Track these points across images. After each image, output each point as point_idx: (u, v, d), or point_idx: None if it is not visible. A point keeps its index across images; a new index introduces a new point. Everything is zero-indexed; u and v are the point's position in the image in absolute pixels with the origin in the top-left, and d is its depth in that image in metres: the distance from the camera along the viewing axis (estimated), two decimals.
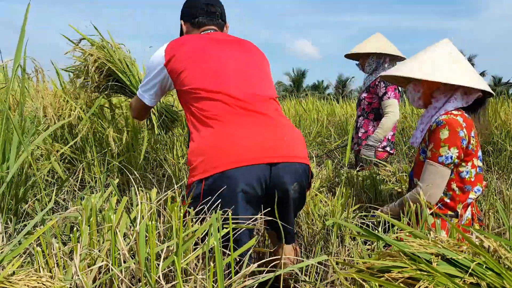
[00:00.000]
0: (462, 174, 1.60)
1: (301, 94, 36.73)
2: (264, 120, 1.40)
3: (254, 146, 1.33)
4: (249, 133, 1.35)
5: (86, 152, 2.43)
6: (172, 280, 1.06)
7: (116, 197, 1.28)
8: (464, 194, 1.60)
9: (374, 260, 0.96)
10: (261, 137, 1.35)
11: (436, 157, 1.57)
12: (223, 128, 1.35)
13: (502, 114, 4.14)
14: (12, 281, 0.88)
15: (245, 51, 1.56)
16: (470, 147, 1.57)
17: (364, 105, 2.96)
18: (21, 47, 1.51)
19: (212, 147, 1.32)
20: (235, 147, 1.31)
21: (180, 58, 1.45)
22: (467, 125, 1.57)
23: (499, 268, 0.85)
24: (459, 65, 1.61)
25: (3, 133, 1.45)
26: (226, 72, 1.44)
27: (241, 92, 1.41)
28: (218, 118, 1.36)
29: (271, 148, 1.35)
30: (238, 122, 1.36)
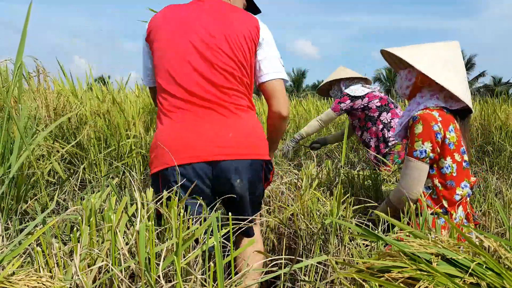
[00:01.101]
0: (443, 169, 1.61)
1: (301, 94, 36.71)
2: (212, 116, 1.36)
3: (197, 143, 1.33)
4: (194, 130, 1.34)
5: (88, 152, 2.43)
6: (172, 280, 1.06)
7: (116, 197, 1.28)
8: (447, 190, 1.61)
9: (374, 260, 0.96)
10: (204, 135, 1.34)
11: (412, 152, 1.60)
12: (172, 125, 1.36)
13: (502, 114, 4.14)
14: (12, 281, 0.88)
15: (222, 29, 1.40)
16: (447, 142, 1.59)
17: (357, 125, 3.15)
18: (23, 46, 1.51)
19: (160, 143, 1.35)
20: (179, 144, 1.33)
21: (156, 34, 1.40)
22: (443, 120, 1.59)
23: (499, 268, 0.85)
24: (458, 75, 1.64)
25: (4, 133, 1.45)
26: (186, 60, 1.37)
27: (196, 85, 1.36)
28: (169, 113, 1.37)
29: (214, 146, 1.34)
30: (186, 118, 1.36)
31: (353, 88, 3.06)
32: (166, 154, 1.33)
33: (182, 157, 1.32)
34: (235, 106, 1.39)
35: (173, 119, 1.36)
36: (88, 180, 2.33)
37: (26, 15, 1.49)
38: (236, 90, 1.40)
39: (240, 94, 1.42)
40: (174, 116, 1.36)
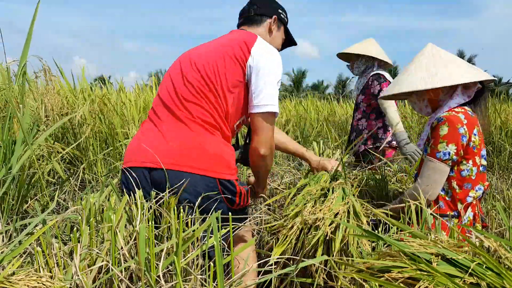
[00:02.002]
0: (463, 172, 1.59)
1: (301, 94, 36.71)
2: (162, 125, 1.39)
3: (138, 149, 1.38)
4: (142, 137, 1.41)
5: (88, 152, 2.43)
6: (172, 280, 1.06)
7: (115, 197, 1.28)
8: (463, 192, 1.60)
9: (374, 260, 0.96)
10: (146, 141, 1.38)
11: (434, 153, 1.57)
12: (137, 132, 1.48)
13: (502, 114, 4.14)
14: (12, 281, 0.88)
15: (211, 46, 1.46)
16: (471, 145, 1.56)
17: (363, 107, 3.03)
18: (28, 47, 1.51)
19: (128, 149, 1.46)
20: (128, 149, 1.43)
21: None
22: (468, 123, 1.56)
23: (499, 268, 0.85)
24: (453, 65, 1.63)
25: (6, 133, 1.45)
26: (169, 75, 1.49)
27: (167, 97, 1.42)
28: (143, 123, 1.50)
29: (151, 153, 1.33)
30: (145, 127, 1.46)
31: (388, 76, 2.93)
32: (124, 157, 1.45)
33: (127, 160, 1.42)
34: (192, 118, 1.36)
35: (141, 126, 1.51)
36: (88, 180, 2.33)
37: (32, 17, 1.50)
38: (200, 106, 1.37)
39: (204, 111, 1.37)
40: (142, 124, 1.52)
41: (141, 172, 1.34)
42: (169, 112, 1.39)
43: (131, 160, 1.39)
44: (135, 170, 1.35)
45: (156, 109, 1.44)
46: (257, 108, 1.38)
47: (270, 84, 1.40)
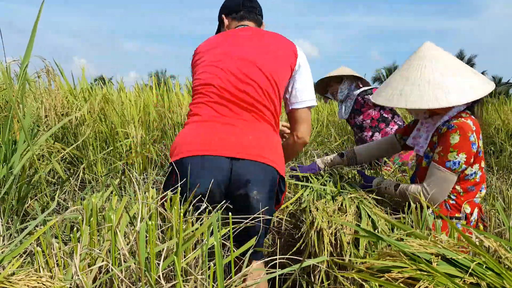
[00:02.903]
0: (467, 176, 1.57)
1: None
2: (234, 122, 1.42)
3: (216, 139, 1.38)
4: (215, 129, 1.41)
5: (88, 152, 2.43)
6: (172, 280, 1.06)
7: (117, 197, 1.28)
8: (468, 195, 1.59)
9: (374, 260, 0.96)
10: (224, 133, 1.39)
11: (444, 162, 1.53)
12: (196, 124, 1.44)
13: (502, 115, 4.14)
14: (12, 281, 0.88)
15: (260, 46, 1.52)
16: (479, 150, 1.55)
17: (368, 125, 3.04)
18: (31, 47, 1.51)
19: (183, 138, 1.42)
20: (198, 138, 1.39)
21: (199, 53, 1.55)
22: (476, 129, 1.53)
23: (499, 268, 0.85)
24: (459, 76, 1.56)
25: (7, 133, 1.45)
26: (226, 64, 1.46)
27: (230, 94, 1.42)
28: (198, 116, 1.45)
29: (233, 143, 1.37)
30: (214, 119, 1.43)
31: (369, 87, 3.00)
32: (185, 146, 1.39)
33: (200, 149, 1.38)
34: (262, 119, 1.46)
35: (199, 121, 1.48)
36: (88, 180, 2.33)
37: (36, 17, 1.49)
38: (266, 106, 1.46)
39: (269, 112, 1.48)
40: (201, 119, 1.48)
41: (221, 161, 1.35)
42: (239, 109, 1.43)
43: (206, 150, 1.36)
44: (214, 159, 1.35)
45: (217, 105, 1.43)
46: (305, 103, 1.55)
47: (311, 82, 1.60)
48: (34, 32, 1.49)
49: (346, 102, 3.08)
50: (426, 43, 1.66)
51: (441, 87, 1.53)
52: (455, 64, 1.60)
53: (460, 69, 1.59)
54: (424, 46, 1.64)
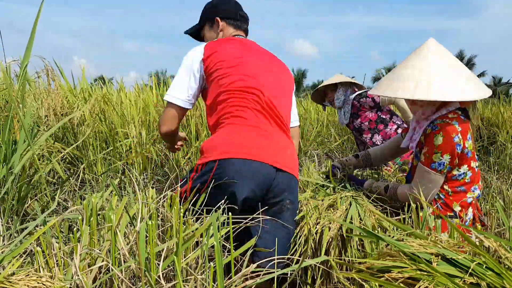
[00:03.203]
0: (454, 176, 1.58)
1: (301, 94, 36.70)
2: (269, 130, 1.50)
3: (265, 147, 1.44)
4: (264, 136, 1.46)
5: (88, 152, 2.43)
6: (172, 280, 1.06)
7: (116, 197, 1.28)
8: (458, 194, 1.59)
9: (374, 260, 0.96)
10: (270, 142, 1.46)
11: (429, 163, 1.54)
12: (243, 127, 1.45)
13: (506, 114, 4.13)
14: (12, 281, 0.88)
15: (275, 66, 1.63)
16: (465, 151, 1.54)
17: (367, 127, 3.07)
18: (31, 46, 1.51)
19: (228, 139, 1.42)
20: (248, 142, 1.42)
21: (220, 56, 1.51)
22: (462, 130, 1.53)
23: (499, 268, 0.85)
24: (468, 77, 1.56)
25: (7, 133, 1.44)
26: (261, 77, 1.53)
27: (262, 103, 1.49)
28: (244, 120, 1.46)
29: (278, 154, 1.45)
30: (260, 126, 1.47)
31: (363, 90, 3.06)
32: (235, 147, 1.41)
33: (251, 153, 1.42)
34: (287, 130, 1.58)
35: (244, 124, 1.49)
36: (88, 180, 2.33)
37: (36, 17, 1.49)
38: (287, 117, 1.61)
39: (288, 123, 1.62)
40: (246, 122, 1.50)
41: (268, 169, 1.41)
42: (274, 122, 1.51)
43: (256, 155, 1.40)
44: (263, 165, 1.41)
45: (260, 114, 1.48)
46: (297, 122, 1.75)
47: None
48: (33, 31, 1.49)
49: (344, 108, 3.13)
50: (431, 40, 1.64)
51: (424, 78, 1.52)
52: (456, 64, 1.60)
53: (458, 67, 1.59)
54: (431, 43, 1.62)
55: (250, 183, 1.37)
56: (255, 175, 1.38)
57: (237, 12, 1.70)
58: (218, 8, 1.69)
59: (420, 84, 1.51)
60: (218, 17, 1.67)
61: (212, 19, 1.69)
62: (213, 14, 1.68)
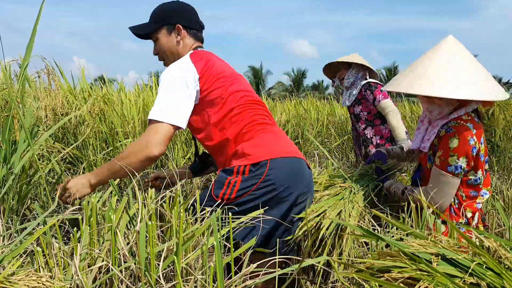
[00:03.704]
0: (470, 181, 1.55)
1: (301, 94, 36.69)
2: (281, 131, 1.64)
3: (294, 146, 1.58)
4: (287, 138, 1.60)
5: (88, 152, 2.43)
6: (172, 280, 1.06)
7: (116, 197, 1.28)
8: (471, 200, 1.56)
9: (374, 260, 0.96)
10: (292, 143, 1.61)
11: (445, 167, 1.50)
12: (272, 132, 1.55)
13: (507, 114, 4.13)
14: (12, 281, 0.88)
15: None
16: (480, 154, 1.51)
17: (364, 117, 3.06)
18: (31, 46, 1.50)
19: (268, 141, 1.49)
20: (286, 143, 1.54)
21: (215, 72, 1.52)
22: (477, 132, 1.49)
23: (499, 268, 0.85)
24: (488, 78, 1.53)
25: (7, 133, 1.44)
26: (251, 90, 1.63)
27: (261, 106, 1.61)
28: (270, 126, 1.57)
29: (301, 153, 1.59)
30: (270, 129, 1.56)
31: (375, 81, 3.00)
32: (283, 147, 1.51)
33: (295, 151, 1.55)
34: None
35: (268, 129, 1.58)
36: None
37: (37, 16, 1.49)
38: None
39: None
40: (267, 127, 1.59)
41: (305, 164, 1.55)
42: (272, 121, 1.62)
43: (296, 152, 1.54)
44: (301, 161, 1.54)
45: (264, 115, 1.58)
46: None
47: None
48: (34, 31, 1.49)
49: (351, 90, 3.09)
50: (450, 37, 1.57)
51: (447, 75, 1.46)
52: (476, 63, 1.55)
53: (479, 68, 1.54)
54: (450, 41, 1.56)
55: (302, 179, 1.49)
56: (302, 170, 1.50)
57: (197, 22, 1.66)
58: (180, 15, 1.61)
59: (443, 82, 1.45)
60: (181, 24, 1.59)
61: (172, 24, 1.59)
62: (175, 20, 1.59)
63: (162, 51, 1.64)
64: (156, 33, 1.62)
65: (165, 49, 1.63)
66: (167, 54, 1.64)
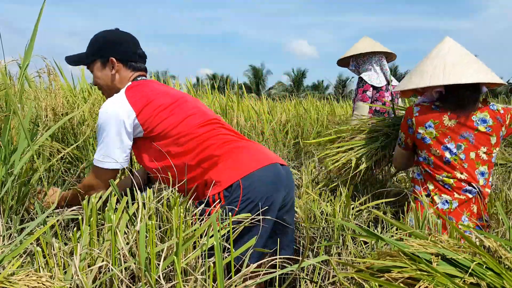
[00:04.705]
0: (420, 158, 1.80)
1: (301, 94, 36.69)
2: (249, 141, 1.57)
3: (260, 151, 1.50)
4: (251, 146, 1.51)
5: (88, 152, 2.43)
6: (172, 280, 1.06)
7: (116, 197, 1.28)
8: (427, 175, 1.77)
9: (374, 260, 0.96)
10: (258, 147, 1.53)
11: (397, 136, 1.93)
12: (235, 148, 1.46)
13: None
14: (12, 281, 0.88)
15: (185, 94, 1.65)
16: (420, 136, 1.74)
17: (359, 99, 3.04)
18: (32, 46, 1.50)
19: (233, 161, 1.42)
20: (250, 154, 1.45)
21: (155, 104, 1.46)
22: (420, 115, 1.73)
23: (499, 268, 0.85)
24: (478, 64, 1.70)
25: (7, 133, 1.44)
26: (201, 107, 1.57)
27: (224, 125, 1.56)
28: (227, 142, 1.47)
29: (268, 153, 1.53)
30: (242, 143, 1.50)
31: (371, 76, 2.99)
32: (249, 161, 1.43)
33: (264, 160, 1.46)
34: None
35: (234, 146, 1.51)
36: None
37: (38, 17, 1.49)
38: None
39: None
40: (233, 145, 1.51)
41: (278, 167, 1.47)
42: (237, 135, 1.56)
43: (265, 159, 1.45)
44: (275, 165, 1.46)
45: (233, 132, 1.56)
46: None
47: None
48: (35, 31, 1.49)
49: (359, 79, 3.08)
50: (448, 38, 1.85)
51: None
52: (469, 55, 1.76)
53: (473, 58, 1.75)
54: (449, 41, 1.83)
55: (280, 183, 1.43)
56: (278, 174, 1.44)
57: (135, 52, 1.59)
58: (113, 48, 1.55)
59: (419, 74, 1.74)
60: (114, 57, 1.54)
61: (106, 57, 1.55)
62: (108, 53, 1.54)
63: (99, 84, 1.59)
64: (91, 65, 1.59)
65: (101, 82, 1.58)
66: (104, 88, 1.59)
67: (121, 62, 1.55)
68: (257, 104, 4.90)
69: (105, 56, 1.54)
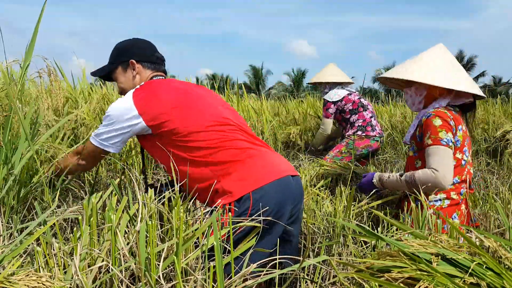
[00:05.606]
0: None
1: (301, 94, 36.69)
2: (266, 148, 1.55)
3: (277, 162, 1.49)
4: (268, 157, 1.49)
5: None
6: (172, 280, 1.06)
7: (117, 197, 1.28)
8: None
9: (374, 260, 0.96)
10: (271, 156, 1.50)
11: (439, 141, 1.60)
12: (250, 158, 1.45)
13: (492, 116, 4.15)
14: (12, 281, 0.88)
15: (205, 90, 1.65)
16: (456, 139, 1.66)
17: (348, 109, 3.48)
18: (33, 47, 1.50)
19: (249, 170, 1.42)
20: (267, 163, 1.46)
21: (164, 104, 1.45)
22: (454, 118, 1.65)
23: (499, 268, 0.85)
24: (461, 73, 1.71)
25: (7, 133, 1.44)
26: (218, 106, 1.55)
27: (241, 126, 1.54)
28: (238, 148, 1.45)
29: (282, 163, 1.52)
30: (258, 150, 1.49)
31: (331, 94, 3.49)
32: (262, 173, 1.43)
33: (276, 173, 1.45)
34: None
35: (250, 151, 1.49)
36: (88, 180, 2.33)
37: (38, 17, 1.49)
38: None
39: None
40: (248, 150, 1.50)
41: (289, 180, 1.47)
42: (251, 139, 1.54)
43: (278, 172, 1.45)
44: (286, 179, 1.45)
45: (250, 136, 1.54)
46: None
47: None
48: (36, 31, 1.49)
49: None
50: (440, 44, 1.81)
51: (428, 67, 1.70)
52: (458, 64, 1.77)
53: (461, 69, 1.76)
54: (439, 46, 1.80)
55: (289, 195, 1.43)
56: (288, 187, 1.44)
57: (153, 54, 1.65)
58: (132, 51, 1.62)
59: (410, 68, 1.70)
60: (133, 59, 1.61)
61: (126, 61, 1.61)
62: (127, 57, 1.61)
63: (123, 89, 1.63)
64: (114, 73, 1.65)
65: (124, 86, 1.63)
66: (128, 91, 1.59)
67: (140, 63, 1.61)
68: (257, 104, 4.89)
69: (125, 60, 1.62)
